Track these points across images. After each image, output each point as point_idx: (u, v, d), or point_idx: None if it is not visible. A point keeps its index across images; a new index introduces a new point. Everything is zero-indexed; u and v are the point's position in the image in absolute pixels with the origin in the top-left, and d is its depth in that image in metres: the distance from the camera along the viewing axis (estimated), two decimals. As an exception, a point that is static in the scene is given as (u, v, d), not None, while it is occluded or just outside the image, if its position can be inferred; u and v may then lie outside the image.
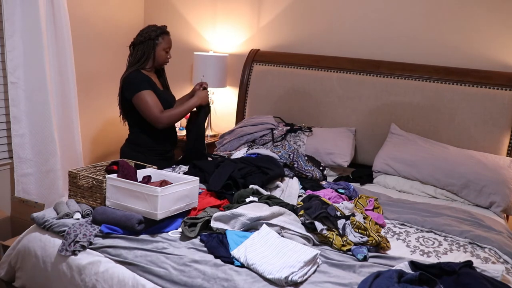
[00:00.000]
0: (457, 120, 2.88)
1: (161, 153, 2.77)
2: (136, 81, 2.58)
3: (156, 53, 2.64)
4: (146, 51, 2.63)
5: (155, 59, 2.66)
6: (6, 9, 2.80)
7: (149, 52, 2.63)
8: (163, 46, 2.63)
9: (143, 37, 2.62)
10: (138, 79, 2.59)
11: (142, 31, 2.65)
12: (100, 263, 1.70)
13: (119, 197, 1.91)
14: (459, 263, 1.56)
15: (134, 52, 2.67)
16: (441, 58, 3.03)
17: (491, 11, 2.87)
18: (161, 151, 2.77)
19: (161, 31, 2.62)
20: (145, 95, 2.54)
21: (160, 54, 2.65)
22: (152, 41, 2.61)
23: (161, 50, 2.64)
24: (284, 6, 3.51)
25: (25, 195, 2.98)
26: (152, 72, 2.76)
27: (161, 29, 2.63)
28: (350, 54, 3.29)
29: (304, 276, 1.54)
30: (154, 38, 2.61)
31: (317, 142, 2.98)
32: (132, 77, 2.60)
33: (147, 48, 2.62)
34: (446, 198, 2.63)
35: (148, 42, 2.61)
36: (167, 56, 2.69)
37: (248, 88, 3.56)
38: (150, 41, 2.61)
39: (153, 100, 2.55)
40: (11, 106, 2.92)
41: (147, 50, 2.63)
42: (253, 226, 1.85)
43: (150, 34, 2.61)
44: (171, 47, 2.69)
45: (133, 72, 2.63)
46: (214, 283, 1.52)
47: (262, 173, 2.33)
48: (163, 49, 2.64)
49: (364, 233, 1.84)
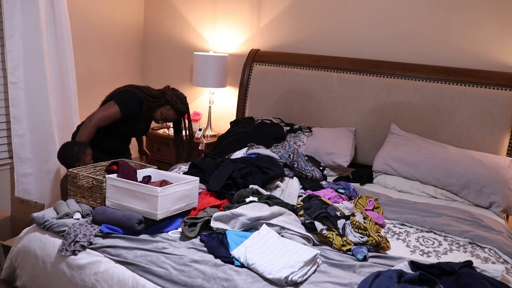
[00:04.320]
0: (457, 120, 2.88)
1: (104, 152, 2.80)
2: (126, 98, 2.70)
3: (157, 109, 2.77)
4: (155, 101, 2.76)
5: (153, 112, 2.78)
6: (6, 9, 2.80)
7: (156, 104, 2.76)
8: (162, 111, 2.77)
9: (166, 94, 2.76)
10: (130, 98, 2.70)
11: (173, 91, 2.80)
12: (100, 263, 1.70)
13: (119, 197, 1.91)
14: (459, 263, 1.56)
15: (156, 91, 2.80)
16: (441, 58, 3.03)
17: (491, 11, 2.87)
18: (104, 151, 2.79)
19: (175, 107, 2.76)
20: (113, 107, 2.64)
21: (156, 112, 2.78)
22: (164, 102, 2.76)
23: (159, 111, 2.78)
24: (284, 6, 3.51)
25: (25, 195, 2.98)
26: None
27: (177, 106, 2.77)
28: (350, 54, 3.29)
29: (304, 276, 1.54)
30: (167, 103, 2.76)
31: (317, 142, 2.98)
32: (129, 94, 2.72)
33: (158, 100, 2.76)
34: (446, 198, 2.63)
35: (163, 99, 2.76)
36: (159, 120, 2.82)
37: (248, 88, 3.56)
38: (163, 100, 2.76)
39: (108, 115, 2.63)
40: (11, 106, 2.92)
41: (156, 101, 2.76)
42: (253, 226, 1.85)
43: (169, 98, 2.76)
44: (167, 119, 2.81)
45: (136, 94, 2.72)
46: (214, 283, 1.52)
47: (262, 173, 2.33)
48: (161, 113, 2.78)
49: (364, 233, 1.84)
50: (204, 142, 3.49)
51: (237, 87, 3.68)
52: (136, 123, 2.79)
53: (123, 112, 2.65)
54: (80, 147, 2.52)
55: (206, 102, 3.80)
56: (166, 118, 2.81)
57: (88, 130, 2.61)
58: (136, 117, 2.75)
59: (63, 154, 2.55)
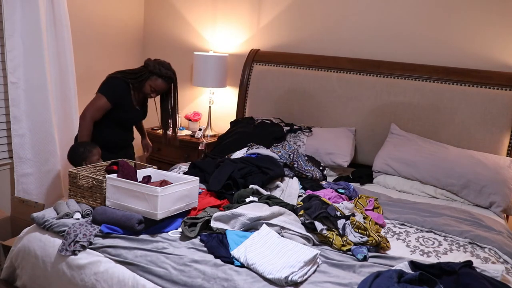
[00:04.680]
0: (457, 120, 2.88)
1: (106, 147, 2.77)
2: (111, 85, 2.69)
3: (145, 84, 2.72)
4: (139, 76, 2.72)
5: (140, 85, 2.74)
6: (6, 9, 2.80)
7: (141, 79, 2.72)
8: (151, 83, 2.72)
9: (148, 66, 2.72)
10: (114, 86, 2.69)
11: (154, 61, 2.75)
12: (100, 263, 1.70)
13: (119, 197, 1.91)
14: (459, 263, 1.56)
15: (138, 67, 2.77)
16: (441, 58, 3.03)
17: (491, 12, 2.87)
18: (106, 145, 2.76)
19: (159, 73, 2.70)
20: (100, 99, 2.65)
21: (145, 86, 2.73)
22: (148, 73, 2.71)
23: (148, 85, 2.73)
24: (284, 6, 3.51)
25: (25, 195, 2.98)
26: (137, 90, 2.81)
27: (161, 72, 2.71)
28: (350, 54, 3.29)
29: (304, 276, 1.54)
30: (150, 72, 2.70)
31: (317, 142, 2.98)
32: (112, 80, 2.71)
33: (142, 75, 2.72)
34: (446, 198, 2.63)
35: (146, 71, 2.71)
36: (150, 93, 2.76)
37: (248, 88, 3.56)
38: (147, 73, 2.71)
39: (97, 107, 2.65)
40: (11, 106, 2.92)
41: (140, 76, 2.72)
42: (253, 226, 1.85)
43: (152, 68, 2.71)
44: (158, 90, 2.74)
45: (120, 78, 2.71)
46: (214, 283, 1.52)
47: (262, 173, 2.33)
48: (150, 85, 2.73)
49: (364, 233, 1.84)
50: (204, 142, 3.49)
51: (237, 87, 3.68)
52: (129, 107, 2.76)
53: (111, 99, 2.65)
54: (87, 147, 2.53)
55: (206, 102, 3.80)
56: (156, 89, 2.74)
57: (85, 127, 2.62)
58: (127, 100, 2.73)
59: (71, 155, 2.58)
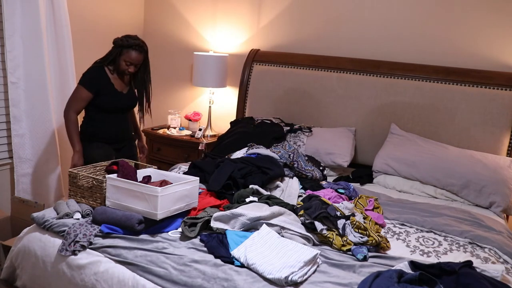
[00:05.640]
0: (457, 120, 2.88)
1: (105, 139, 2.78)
2: (87, 74, 2.70)
3: (119, 61, 2.71)
4: (112, 55, 2.72)
5: (116, 65, 2.73)
6: (6, 9, 2.80)
7: (113, 57, 2.71)
8: (124, 58, 2.70)
9: (117, 42, 2.70)
10: (88, 75, 2.70)
11: (122, 37, 2.72)
12: (100, 263, 1.70)
13: (119, 197, 1.91)
14: (459, 263, 1.56)
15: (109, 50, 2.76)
16: (441, 58, 3.03)
17: (491, 12, 2.87)
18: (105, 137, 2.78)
19: (128, 44, 2.68)
20: (79, 90, 2.67)
21: (120, 63, 2.71)
22: (118, 49, 2.69)
23: (122, 60, 2.70)
24: (284, 6, 3.51)
25: (25, 195, 2.98)
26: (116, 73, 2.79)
27: (129, 43, 2.68)
28: (350, 54, 3.29)
29: (304, 276, 1.54)
30: (120, 47, 2.68)
31: (317, 142, 2.98)
32: (89, 70, 2.73)
33: (114, 53, 2.71)
34: (446, 198, 2.63)
35: (116, 48, 2.70)
36: (127, 68, 2.72)
37: (248, 88, 3.56)
38: (118, 48, 2.69)
39: (78, 98, 2.67)
40: (11, 106, 2.92)
41: (112, 54, 2.71)
42: (253, 226, 1.85)
43: (120, 42, 2.69)
44: (132, 62, 2.71)
45: (94, 66, 2.73)
46: (214, 283, 1.52)
47: (262, 173, 2.33)
48: (124, 60, 2.70)
49: (364, 233, 1.84)
50: (204, 142, 3.49)
51: (237, 87, 3.68)
52: (110, 91, 2.73)
53: (89, 87, 2.65)
54: None
55: (206, 102, 3.80)
56: (132, 62, 2.68)
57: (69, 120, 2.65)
58: (107, 84, 2.71)
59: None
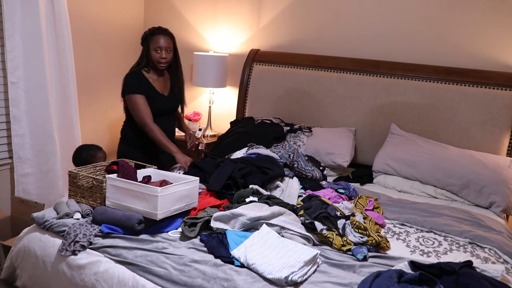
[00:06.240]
0: (457, 120, 2.88)
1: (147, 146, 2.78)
2: (129, 82, 2.70)
3: (150, 54, 2.71)
4: (143, 53, 2.74)
5: (150, 59, 2.73)
6: (6, 9, 2.80)
7: (146, 54, 2.72)
8: (153, 46, 2.69)
9: (142, 37, 2.73)
10: (131, 81, 2.69)
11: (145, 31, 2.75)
12: (100, 263, 1.70)
13: (119, 197, 1.91)
14: (459, 263, 1.56)
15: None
16: (441, 58, 3.03)
17: (491, 12, 2.87)
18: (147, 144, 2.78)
19: (151, 32, 2.69)
20: (132, 98, 2.66)
21: (152, 55, 2.71)
22: (146, 41, 2.71)
23: (152, 51, 2.70)
24: (284, 6, 3.51)
25: (25, 195, 2.98)
26: (156, 73, 2.79)
27: (151, 30, 2.70)
28: (350, 54, 3.29)
29: (304, 276, 1.54)
30: (147, 37, 2.70)
31: (317, 142, 2.98)
32: (127, 78, 2.73)
33: (144, 49, 2.73)
34: (446, 198, 2.63)
35: (144, 42, 2.73)
36: (159, 56, 2.69)
37: (248, 88, 3.56)
38: (145, 43, 2.72)
39: (140, 105, 2.65)
40: (11, 106, 2.91)
41: (144, 51, 2.74)
42: (253, 226, 1.85)
43: (145, 34, 2.72)
44: (161, 46, 2.67)
45: (131, 73, 2.74)
46: (214, 283, 1.52)
47: (262, 173, 2.33)
48: (153, 50, 2.69)
49: (364, 233, 1.84)
50: (204, 142, 3.49)
51: (237, 87, 3.68)
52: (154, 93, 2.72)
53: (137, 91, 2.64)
54: (90, 151, 2.54)
55: (206, 102, 3.80)
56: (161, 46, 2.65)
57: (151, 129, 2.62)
58: (149, 87, 2.71)
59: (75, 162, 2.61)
